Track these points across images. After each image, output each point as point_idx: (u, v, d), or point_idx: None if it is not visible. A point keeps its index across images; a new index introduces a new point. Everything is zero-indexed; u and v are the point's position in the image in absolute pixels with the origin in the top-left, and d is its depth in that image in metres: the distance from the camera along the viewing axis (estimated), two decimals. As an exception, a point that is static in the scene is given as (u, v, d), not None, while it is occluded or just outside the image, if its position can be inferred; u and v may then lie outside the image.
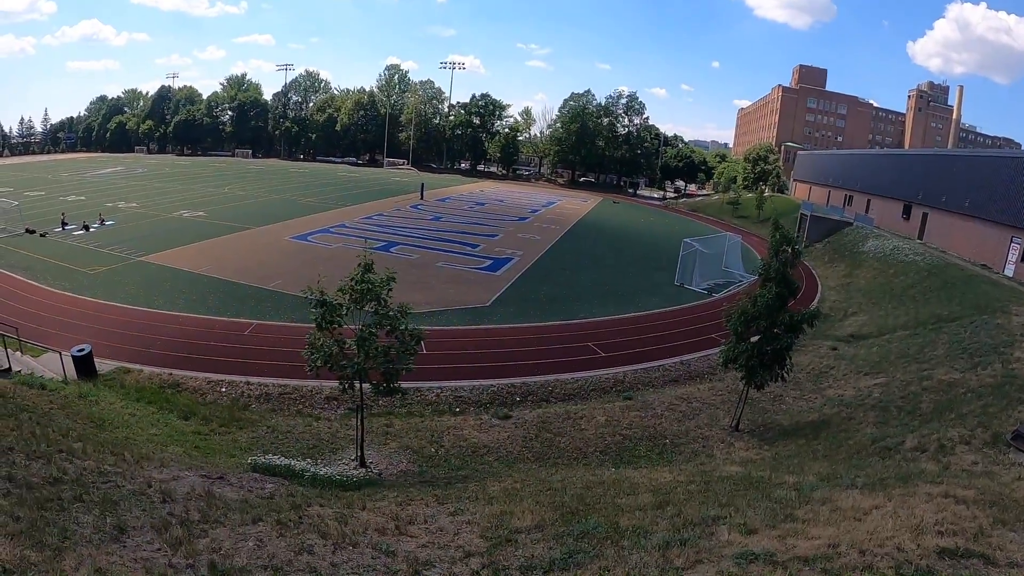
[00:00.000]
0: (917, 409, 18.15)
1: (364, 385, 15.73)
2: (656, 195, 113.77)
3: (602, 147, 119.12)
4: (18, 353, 22.09)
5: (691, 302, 36.23)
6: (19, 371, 19.70)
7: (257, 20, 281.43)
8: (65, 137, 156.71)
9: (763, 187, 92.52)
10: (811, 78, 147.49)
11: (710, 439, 19.01)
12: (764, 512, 7.91)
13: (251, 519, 9.26)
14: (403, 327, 15.26)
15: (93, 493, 9.05)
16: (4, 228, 46.74)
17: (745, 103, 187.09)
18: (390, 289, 15.26)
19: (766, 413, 21.14)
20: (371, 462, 16.77)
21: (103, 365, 22.19)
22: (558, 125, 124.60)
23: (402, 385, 16.04)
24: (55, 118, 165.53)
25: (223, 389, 21.43)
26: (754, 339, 18.54)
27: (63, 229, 47.02)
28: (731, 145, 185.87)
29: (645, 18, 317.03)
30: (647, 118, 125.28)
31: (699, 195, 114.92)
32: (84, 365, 21.38)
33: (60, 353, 22.01)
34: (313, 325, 15.40)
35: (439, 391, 22.02)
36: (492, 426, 19.61)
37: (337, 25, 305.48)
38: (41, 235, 45.03)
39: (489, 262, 42.43)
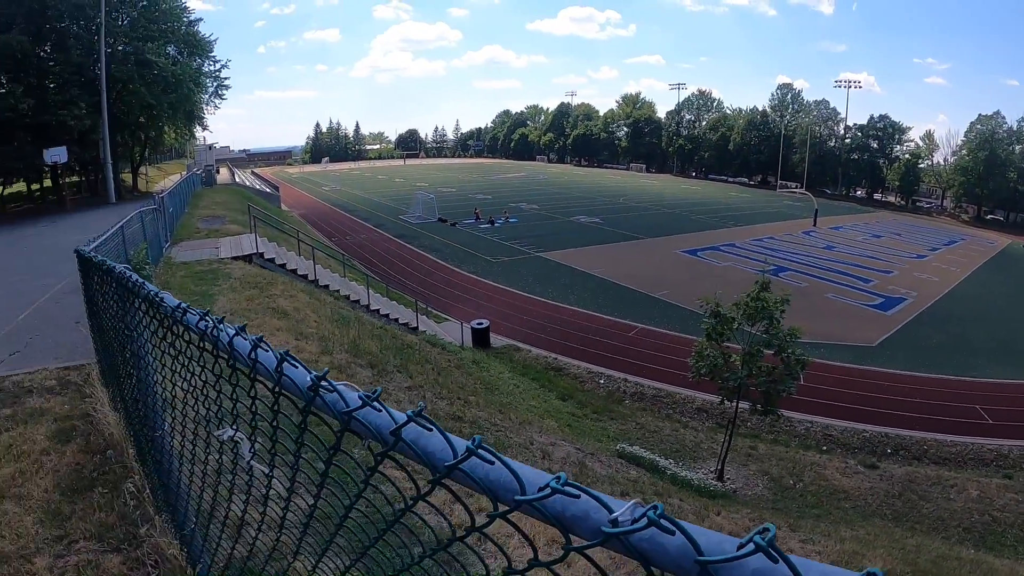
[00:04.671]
0: None
1: (741, 403, 16.24)
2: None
3: (1014, 179, 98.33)
4: (424, 317, 26.98)
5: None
6: (424, 331, 23.89)
7: (646, 42, 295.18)
8: (473, 144, 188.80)
9: None
10: None
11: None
12: None
13: (618, 493, 9.98)
14: (790, 351, 15.39)
15: (487, 435, 10.52)
16: (421, 216, 57.18)
17: None
18: (783, 311, 15.52)
19: None
20: (728, 478, 17.01)
21: (496, 340, 26.12)
22: (963, 152, 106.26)
23: (779, 409, 16.25)
24: (464, 128, 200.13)
25: (601, 381, 23.56)
26: None
27: (476, 221, 55.62)
28: None
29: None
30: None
31: None
32: (480, 337, 25.25)
33: (461, 323, 26.14)
34: (702, 336, 16.52)
35: (809, 425, 21.50)
36: (856, 473, 18.62)
37: (724, 44, 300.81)
38: (452, 224, 54.08)
39: (881, 300, 38.60)
